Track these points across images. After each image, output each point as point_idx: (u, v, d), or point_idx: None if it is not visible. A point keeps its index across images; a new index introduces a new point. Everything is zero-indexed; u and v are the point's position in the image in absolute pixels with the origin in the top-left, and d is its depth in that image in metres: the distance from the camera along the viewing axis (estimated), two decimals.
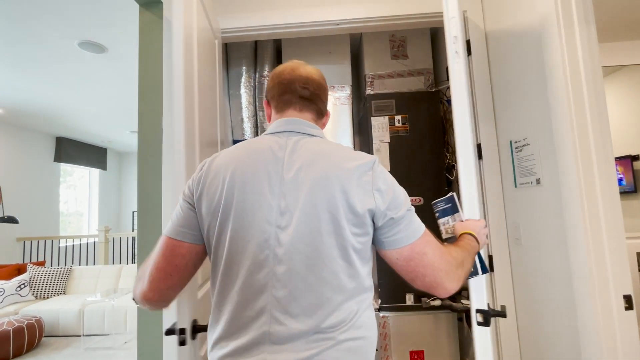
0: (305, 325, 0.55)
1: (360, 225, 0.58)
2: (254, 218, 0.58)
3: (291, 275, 0.56)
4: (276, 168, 0.60)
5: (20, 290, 3.58)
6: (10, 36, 2.27)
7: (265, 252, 0.57)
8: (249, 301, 0.57)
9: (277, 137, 0.65)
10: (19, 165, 4.55)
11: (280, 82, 0.70)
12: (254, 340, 0.55)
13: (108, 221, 6.34)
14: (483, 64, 1.50)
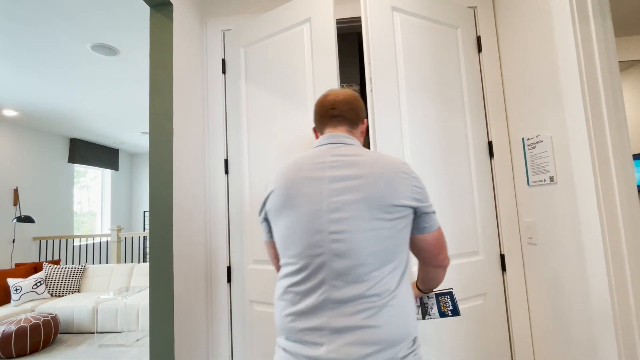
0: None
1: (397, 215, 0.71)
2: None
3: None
4: (322, 169, 0.73)
5: (37, 288, 3.67)
6: (25, 40, 2.33)
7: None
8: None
9: (319, 148, 0.79)
10: (34, 167, 4.66)
11: (316, 111, 0.87)
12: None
13: (120, 221, 6.45)
14: (494, 60, 1.47)
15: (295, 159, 0.79)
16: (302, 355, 0.66)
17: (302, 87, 1.39)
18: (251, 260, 1.49)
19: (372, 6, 1.32)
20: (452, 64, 1.44)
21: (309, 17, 1.39)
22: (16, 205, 4.30)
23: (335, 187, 0.70)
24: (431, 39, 1.41)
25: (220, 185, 1.55)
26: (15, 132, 4.41)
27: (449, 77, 1.42)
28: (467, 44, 1.49)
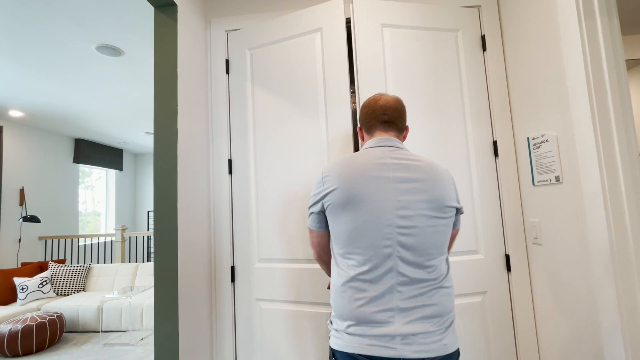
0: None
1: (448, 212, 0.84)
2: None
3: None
4: (386, 170, 0.83)
5: (43, 287, 3.71)
6: (31, 41, 2.35)
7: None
8: None
9: (377, 149, 0.88)
10: (40, 167, 4.70)
11: (367, 113, 0.95)
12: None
13: (124, 220, 6.49)
14: (498, 59, 1.47)
15: (352, 158, 0.87)
16: (373, 335, 0.77)
17: (312, 94, 1.45)
18: (258, 259, 1.50)
19: (361, 26, 1.43)
20: (450, 68, 1.46)
21: (320, 27, 1.46)
22: (22, 205, 4.35)
23: (402, 187, 0.81)
24: (425, 47, 1.45)
25: (224, 185, 1.56)
26: (22, 132, 4.45)
27: (446, 82, 1.45)
28: (470, 45, 1.48)
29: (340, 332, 0.82)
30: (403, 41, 1.45)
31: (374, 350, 0.76)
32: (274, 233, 1.49)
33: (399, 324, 0.77)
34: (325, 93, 1.44)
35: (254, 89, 1.57)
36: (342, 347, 0.80)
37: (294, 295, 1.43)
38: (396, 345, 0.76)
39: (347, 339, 0.79)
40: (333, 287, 0.86)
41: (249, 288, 1.50)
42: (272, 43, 1.54)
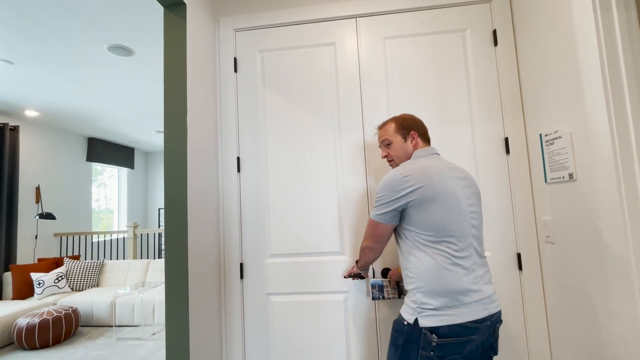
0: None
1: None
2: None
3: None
4: (450, 171, 1.05)
5: (58, 282, 3.81)
6: (46, 43, 2.40)
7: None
8: None
9: (437, 157, 1.12)
10: (54, 165, 4.82)
11: (420, 126, 1.17)
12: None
13: (136, 218, 6.61)
14: (510, 55, 1.44)
15: (428, 163, 1.05)
16: (475, 301, 0.96)
17: (323, 103, 1.57)
18: (269, 255, 1.52)
19: (364, 41, 1.56)
20: (456, 68, 1.49)
21: (334, 41, 1.58)
22: (38, 202, 4.46)
23: (462, 184, 1.04)
24: (428, 52, 1.51)
25: (233, 183, 1.57)
26: (37, 132, 4.57)
27: (452, 82, 1.48)
28: (480, 41, 1.47)
29: (442, 309, 0.95)
30: (405, 50, 1.53)
31: (480, 313, 0.95)
32: (284, 229, 1.52)
33: (484, 289, 0.98)
34: (338, 104, 1.54)
35: (264, 90, 1.60)
36: (449, 321, 0.94)
37: (306, 287, 1.49)
38: (487, 305, 0.97)
39: (459, 311, 0.95)
40: (427, 270, 0.98)
41: (259, 283, 1.52)
42: (284, 49, 1.62)
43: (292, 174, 1.54)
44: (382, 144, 1.20)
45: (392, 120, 1.18)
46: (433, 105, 1.48)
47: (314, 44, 1.59)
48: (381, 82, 1.51)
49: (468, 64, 1.47)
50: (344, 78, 1.55)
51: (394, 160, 1.18)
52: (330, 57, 1.57)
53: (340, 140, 1.52)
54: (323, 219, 1.50)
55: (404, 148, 1.15)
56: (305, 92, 1.57)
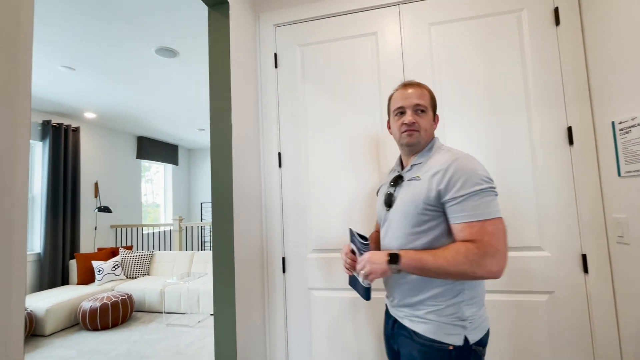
0: None
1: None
2: None
3: None
4: None
5: (115, 270, 4.15)
6: (101, 49, 2.59)
7: None
8: None
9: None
10: (109, 163, 5.23)
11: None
12: None
13: (180, 211, 7.00)
14: (575, 35, 1.29)
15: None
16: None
17: (364, 95, 1.52)
18: (310, 250, 1.53)
19: (408, 28, 1.48)
20: (509, 53, 1.37)
21: (375, 31, 1.52)
22: (96, 197, 4.88)
23: None
24: (478, 37, 1.40)
25: (274, 178, 1.59)
26: (95, 132, 4.98)
27: (505, 69, 1.37)
28: (538, 22, 1.34)
29: (481, 319, 0.86)
30: (452, 35, 1.43)
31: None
32: (325, 224, 1.51)
33: None
34: (380, 95, 1.48)
35: (304, 84, 1.59)
36: (487, 324, 0.88)
37: (347, 283, 1.45)
38: None
39: (487, 318, 0.89)
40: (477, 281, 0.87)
41: (301, 278, 1.53)
42: (324, 42, 1.59)
43: (333, 168, 1.52)
44: (412, 107, 0.93)
45: (425, 87, 0.97)
46: (483, 93, 1.37)
47: (355, 35, 1.55)
48: (426, 70, 1.44)
49: (524, 48, 1.35)
50: (386, 68, 1.49)
51: (418, 133, 0.93)
52: (372, 47, 1.52)
53: (382, 132, 1.47)
54: (365, 214, 1.47)
55: (431, 127, 0.96)
56: (345, 85, 1.54)
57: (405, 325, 0.90)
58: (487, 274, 0.78)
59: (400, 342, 0.92)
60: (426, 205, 0.86)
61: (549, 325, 1.26)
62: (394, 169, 1.06)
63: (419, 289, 0.88)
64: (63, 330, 3.35)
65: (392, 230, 0.94)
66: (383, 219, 0.99)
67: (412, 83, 0.97)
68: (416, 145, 0.95)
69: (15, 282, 0.56)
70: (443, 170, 0.85)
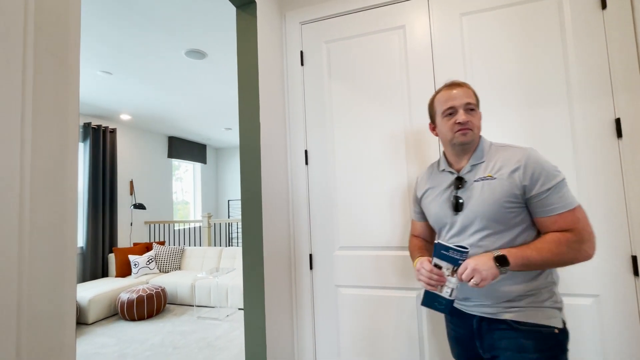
0: None
1: None
2: None
3: None
4: None
5: (149, 264, 4.36)
6: (135, 54, 2.71)
7: None
8: None
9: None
10: (143, 162, 5.50)
11: None
12: None
13: (209, 208, 7.24)
14: (624, 18, 1.20)
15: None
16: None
17: (392, 90, 1.49)
18: (337, 247, 1.53)
19: (437, 19, 1.42)
20: (548, 42, 1.29)
21: (403, 24, 1.49)
22: (132, 194, 5.14)
23: None
24: (513, 26, 1.33)
25: (301, 176, 1.60)
26: (130, 133, 5.24)
27: (543, 59, 1.29)
28: (581, 6, 1.25)
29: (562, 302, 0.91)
30: (486, 25, 1.37)
31: None
32: (352, 222, 1.50)
33: None
34: (409, 90, 1.46)
35: (330, 81, 1.59)
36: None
37: (375, 281, 1.46)
38: None
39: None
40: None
41: (328, 275, 1.53)
42: (350, 38, 1.58)
43: (360, 165, 1.51)
44: (463, 106, 0.93)
45: (469, 85, 0.97)
46: (519, 84, 1.31)
47: (382, 30, 1.52)
48: (457, 63, 1.39)
49: (565, 35, 1.26)
50: (414, 62, 1.45)
51: (472, 131, 0.93)
52: (400, 41, 1.48)
53: (411, 128, 1.44)
54: (392, 211, 1.44)
55: (479, 126, 0.96)
56: (372, 81, 1.52)
57: (504, 319, 0.89)
58: (586, 258, 0.84)
59: (496, 338, 0.90)
60: (510, 203, 0.87)
61: (594, 330, 1.18)
62: (442, 170, 1.03)
63: (516, 282, 0.89)
64: (104, 319, 3.57)
65: (468, 233, 0.93)
66: (448, 224, 0.97)
67: (457, 83, 0.98)
68: (470, 144, 0.96)
69: (67, 274, 0.59)
70: (522, 166, 0.87)
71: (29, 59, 0.53)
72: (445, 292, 0.89)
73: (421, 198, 1.09)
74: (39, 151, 0.54)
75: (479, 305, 0.93)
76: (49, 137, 0.56)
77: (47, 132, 0.56)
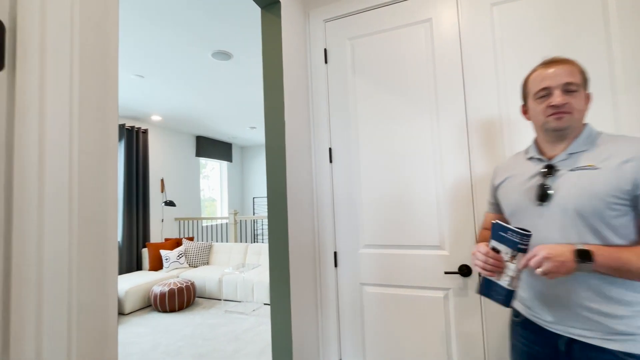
0: None
1: None
2: None
3: None
4: None
5: (179, 259, 4.55)
6: (165, 57, 2.82)
7: None
8: None
9: None
10: (173, 161, 5.73)
11: None
12: None
13: (235, 206, 7.43)
14: None
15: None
16: None
17: (418, 85, 1.46)
18: (362, 245, 1.52)
19: (466, 11, 1.38)
20: (589, 28, 1.20)
21: (430, 17, 1.45)
22: (163, 192, 5.38)
23: None
24: (549, 14, 1.25)
25: (325, 174, 1.60)
26: (161, 133, 5.48)
27: (583, 48, 1.20)
28: None
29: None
30: (518, 15, 1.31)
31: None
32: (377, 220, 1.49)
33: None
34: (435, 85, 1.43)
35: (354, 78, 1.58)
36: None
37: (401, 280, 1.44)
38: None
39: None
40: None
41: (353, 273, 1.53)
42: (375, 33, 1.56)
43: (385, 162, 1.49)
44: (561, 86, 0.80)
45: (573, 61, 0.83)
46: None
47: (407, 24, 1.49)
48: (487, 55, 1.33)
49: (609, 21, 1.17)
50: (441, 56, 1.41)
51: (570, 115, 0.80)
52: (426, 34, 1.45)
53: (437, 124, 1.40)
54: (419, 209, 1.42)
55: (584, 109, 0.82)
56: (397, 76, 1.49)
57: (609, 348, 0.73)
58: None
59: None
60: (615, 199, 0.73)
61: None
62: (530, 157, 0.92)
63: (625, 297, 0.73)
64: (139, 310, 3.77)
65: (553, 228, 0.80)
66: (529, 215, 0.86)
67: (557, 60, 0.84)
68: (566, 130, 0.82)
69: (110, 267, 0.63)
70: (638, 158, 0.73)
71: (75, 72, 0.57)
72: (504, 281, 0.80)
73: (498, 187, 0.99)
74: (84, 152, 0.58)
75: (567, 321, 0.79)
76: (92, 139, 0.60)
77: (90, 135, 0.59)
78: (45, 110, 0.51)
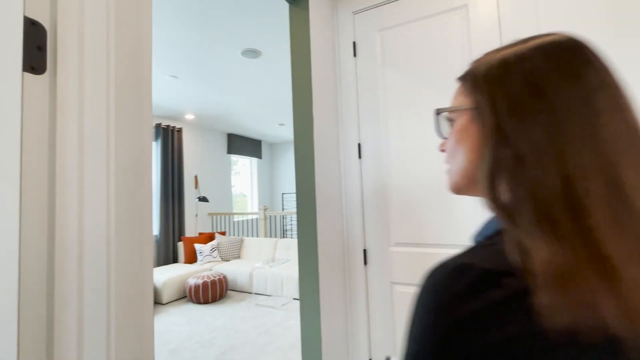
0: None
1: None
2: None
3: None
4: None
5: (212, 253, 4.73)
6: (197, 57, 2.91)
7: None
8: None
9: None
10: (206, 158, 5.94)
11: None
12: None
13: (264, 201, 7.58)
14: None
15: None
16: None
17: (452, 77, 1.36)
18: (393, 243, 1.48)
19: None
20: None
21: (466, 3, 1.37)
22: (196, 188, 5.60)
23: None
24: None
25: (354, 170, 1.58)
26: (194, 131, 5.70)
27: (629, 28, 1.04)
28: None
29: None
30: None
31: None
32: (408, 217, 1.45)
33: None
34: None
35: (384, 70, 1.53)
36: None
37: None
38: None
39: None
40: None
41: (383, 271, 1.50)
42: (405, 23, 1.49)
43: (416, 157, 1.43)
44: None
45: None
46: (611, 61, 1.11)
47: (441, 11, 1.41)
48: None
49: None
50: (478, 44, 1.33)
51: None
52: (462, 22, 1.37)
53: None
54: (451, 207, 1.35)
55: None
56: (429, 67, 1.42)
57: None
58: None
59: None
60: None
61: None
62: None
63: None
64: (175, 300, 3.97)
65: None
66: None
67: None
68: None
69: (146, 260, 0.66)
70: None
71: (112, 73, 0.58)
72: None
73: None
74: (120, 151, 0.60)
75: None
76: (128, 139, 0.62)
77: (126, 135, 0.61)
78: (84, 112, 0.53)
